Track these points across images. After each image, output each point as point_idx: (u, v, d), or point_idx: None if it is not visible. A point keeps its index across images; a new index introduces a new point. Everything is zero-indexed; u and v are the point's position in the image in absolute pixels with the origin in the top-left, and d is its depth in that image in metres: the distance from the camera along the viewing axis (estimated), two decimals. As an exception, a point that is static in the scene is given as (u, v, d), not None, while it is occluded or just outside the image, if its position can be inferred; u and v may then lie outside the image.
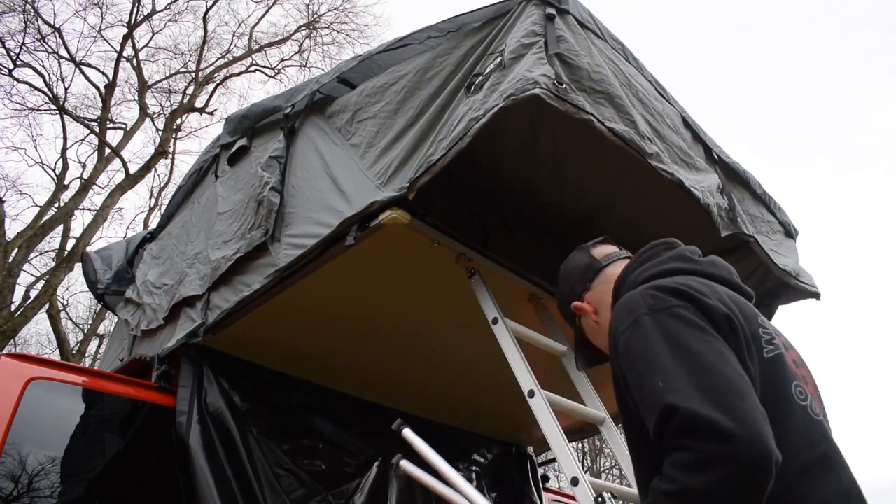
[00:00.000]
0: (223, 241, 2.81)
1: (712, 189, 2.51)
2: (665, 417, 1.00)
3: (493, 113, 1.89)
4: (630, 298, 1.20)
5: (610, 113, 2.09)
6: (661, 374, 1.04)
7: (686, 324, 1.10)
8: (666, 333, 1.09)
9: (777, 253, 2.95)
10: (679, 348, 1.06)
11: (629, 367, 1.13)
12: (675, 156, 2.42)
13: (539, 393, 2.02)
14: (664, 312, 1.12)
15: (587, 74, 2.05)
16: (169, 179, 15.68)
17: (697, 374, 1.02)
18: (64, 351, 12.00)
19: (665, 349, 1.07)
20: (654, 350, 1.08)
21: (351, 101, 2.54)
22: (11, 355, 2.45)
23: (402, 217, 2.09)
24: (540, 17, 2.05)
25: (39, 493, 2.26)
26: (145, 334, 3.26)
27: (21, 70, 13.09)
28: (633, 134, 2.09)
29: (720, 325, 1.12)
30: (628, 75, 2.31)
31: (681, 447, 0.97)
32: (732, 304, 1.19)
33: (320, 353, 2.95)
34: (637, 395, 1.10)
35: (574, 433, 3.72)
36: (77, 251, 11.78)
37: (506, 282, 2.50)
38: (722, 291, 1.22)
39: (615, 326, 1.19)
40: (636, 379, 1.10)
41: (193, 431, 2.56)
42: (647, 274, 1.31)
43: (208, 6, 15.10)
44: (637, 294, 1.19)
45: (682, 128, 2.61)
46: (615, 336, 1.18)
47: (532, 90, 1.83)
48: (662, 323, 1.11)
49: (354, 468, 3.02)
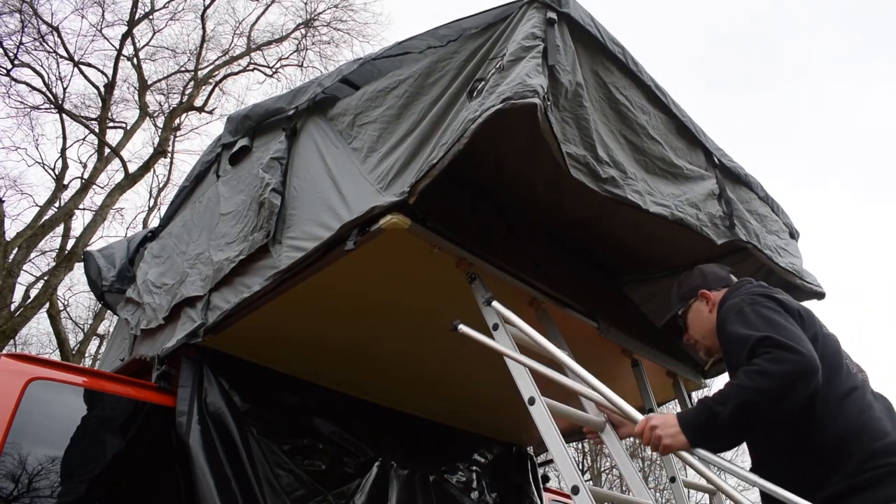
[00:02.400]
0: (226, 243, 2.81)
1: (698, 199, 2.53)
2: (755, 342, 1.63)
3: (489, 114, 1.89)
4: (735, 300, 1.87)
5: (573, 133, 2.10)
6: (752, 329, 1.69)
7: (767, 308, 1.76)
8: (754, 312, 1.75)
9: (786, 252, 2.96)
10: (762, 317, 1.72)
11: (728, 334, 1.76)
12: (654, 167, 2.43)
13: (539, 400, 2.02)
14: (755, 304, 1.79)
15: (565, 92, 2.07)
16: (168, 179, 15.70)
17: (775, 327, 1.67)
18: (64, 351, 11.99)
19: (755, 320, 1.72)
20: (748, 321, 1.73)
21: (352, 104, 2.54)
22: (11, 355, 2.45)
23: (402, 222, 2.10)
24: (541, 20, 2.05)
25: (39, 492, 2.26)
26: (145, 334, 3.26)
27: (20, 70, 13.10)
28: (588, 158, 2.12)
29: (792, 313, 1.78)
30: (613, 87, 2.32)
31: (765, 353, 1.60)
32: (803, 309, 1.85)
33: (321, 354, 2.95)
34: (735, 344, 1.70)
35: (574, 434, 3.72)
36: (77, 251, 11.78)
37: (506, 286, 2.50)
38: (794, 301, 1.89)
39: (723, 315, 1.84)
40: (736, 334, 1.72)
41: (193, 432, 2.56)
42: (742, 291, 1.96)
43: (206, 4, 15.10)
44: (739, 298, 1.86)
45: (674, 136, 2.61)
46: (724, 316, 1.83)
47: (531, 98, 1.85)
48: (753, 307, 1.77)
49: (354, 468, 3.02)
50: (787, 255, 3.01)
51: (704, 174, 2.68)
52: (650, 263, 3.16)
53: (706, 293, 2.08)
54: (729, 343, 1.76)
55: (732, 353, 1.73)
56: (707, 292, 2.08)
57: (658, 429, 1.71)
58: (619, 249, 3.13)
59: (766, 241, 2.89)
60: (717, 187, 2.70)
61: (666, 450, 1.69)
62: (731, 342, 1.73)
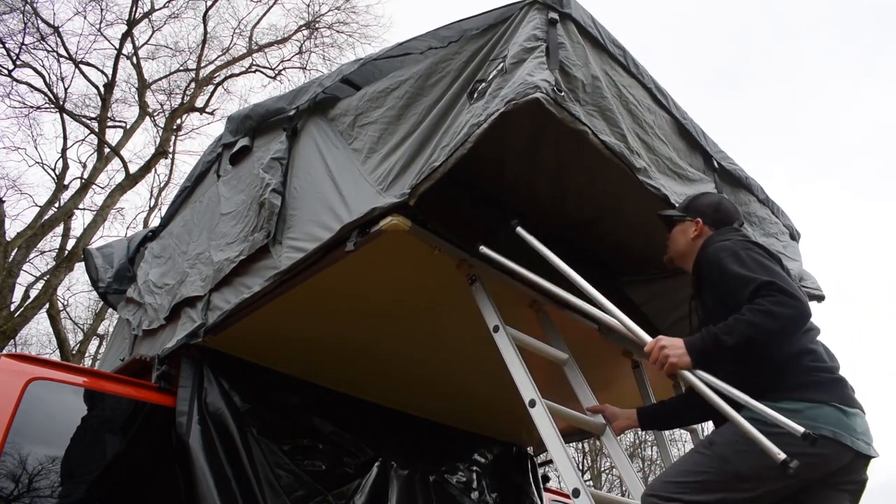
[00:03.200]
0: (226, 243, 2.81)
1: None
2: (760, 284, 1.83)
3: (493, 118, 1.89)
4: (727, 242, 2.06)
5: (602, 126, 2.11)
6: (752, 271, 1.89)
7: (758, 254, 1.98)
8: (749, 256, 1.96)
9: (784, 255, 2.97)
10: (758, 262, 1.93)
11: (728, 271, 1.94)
12: (664, 167, 2.45)
13: (540, 402, 2.02)
14: (748, 249, 2.00)
15: (581, 85, 2.08)
16: (169, 179, 15.68)
17: (773, 273, 1.88)
18: (64, 351, 11.99)
19: (752, 264, 1.93)
20: (746, 264, 1.93)
21: (352, 105, 2.54)
22: (11, 355, 2.46)
23: (402, 224, 2.09)
24: (542, 21, 2.05)
25: (39, 493, 2.26)
26: (146, 334, 3.26)
27: (21, 70, 13.10)
28: (623, 148, 2.16)
29: (776, 260, 2.00)
30: (620, 86, 2.33)
31: (769, 295, 1.81)
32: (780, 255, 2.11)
33: (321, 354, 2.95)
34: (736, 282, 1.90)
35: (574, 434, 3.72)
36: (77, 251, 11.76)
37: (507, 288, 2.50)
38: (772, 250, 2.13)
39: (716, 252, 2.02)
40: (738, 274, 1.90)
41: (193, 432, 2.56)
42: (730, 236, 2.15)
43: (208, 5, 15.09)
44: (731, 241, 2.06)
45: (676, 137, 2.62)
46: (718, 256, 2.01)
47: (533, 94, 1.85)
48: (747, 252, 1.98)
49: (354, 468, 3.02)
50: (785, 260, 3.01)
51: (703, 177, 2.69)
52: (651, 264, 3.17)
53: (700, 224, 2.24)
54: (728, 279, 1.94)
55: (731, 288, 1.92)
56: (702, 224, 2.24)
57: (667, 348, 1.90)
58: (621, 250, 3.13)
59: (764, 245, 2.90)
60: (716, 191, 2.71)
61: (671, 367, 1.88)
62: (732, 279, 1.92)
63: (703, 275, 2.08)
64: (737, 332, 1.80)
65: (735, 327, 1.81)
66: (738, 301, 1.86)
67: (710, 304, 2.04)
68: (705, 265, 2.07)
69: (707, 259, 2.07)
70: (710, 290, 2.03)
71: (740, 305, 1.85)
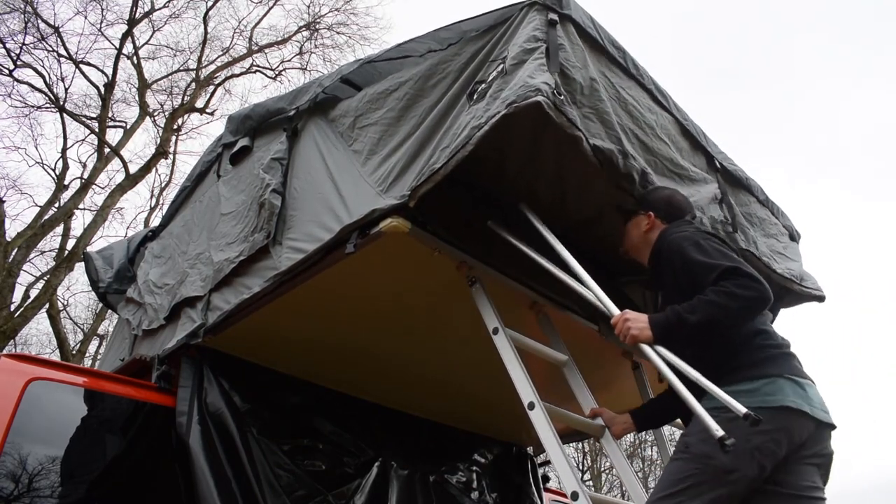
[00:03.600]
0: (226, 243, 2.81)
1: (703, 202, 2.56)
2: (725, 269, 1.90)
3: (494, 120, 1.89)
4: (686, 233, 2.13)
5: (598, 129, 2.12)
6: (715, 259, 1.96)
7: (717, 244, 2.06)
8: (710, 246, 2.02)
9: (785, 256, 2.97)
10: (718, 251, 2.00)
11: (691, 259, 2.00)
12: (663, 168, 2.45)
13: (539, 405, 2.02)
14: (707, 239, 2.07)
15: (580, 88, 2.08)
16: (170, 179, 15.67)
17: (735, 260, 1.97)
18: (64, 351, 11.99)
19: (714, 252, 1.99)
20: (708, 252, 1.99)
21: (352, 106, 2.54)
22: (11, 355, 2.46)
23: (402, 225, 2.09)
24: (542, 22, 2.05)
25: (39, 493, 2.26)
26: (146, 334, 3.26)
27: (21, 70, 13.10)
28: (615, 152, 2.18)
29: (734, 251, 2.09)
30: (619, 88, 2.33)
31: (733, 279, 1.88)
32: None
33: (321, 354, 2.95)
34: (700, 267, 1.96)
35: (574, 434, 3.72)
36: (77, 251, 11.76)
37: (507, 289, 2.50)
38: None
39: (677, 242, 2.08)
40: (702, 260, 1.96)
41: (193, 432, 2.56)
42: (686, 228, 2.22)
43: (209, 6, 15.09)
44: (689, 232, 2.12)
45: (679, 137, 2.62)
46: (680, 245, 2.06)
47: (534, 97, 1.85)
48: (707, 241, 2.05)
49: (354, 468, 3.02)
50: (785, 260, 3.01)
51: (707, 177, 2.69)
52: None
53: (652, 217, 2.29)
54: (691, 266, 2.00)
55: (695, 274, 1.98)
56: (654, 218, 2.29)
57: (630, 321, 1.98)
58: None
59: (764, 246, 2.90)
60: (720, 191, 2.71)
61: (633, 339, 1.96)
62: (696, 266, 1.98)
63: (663, 264, 2.14)
64: (700, 311, 1.87)
65: (698, 307, 1.88)
66: (702, 286, 1.93)
67: (669, 291, 2.11)
68: (665, 254, 2.12)
69: (667, 248, 2.12)
70: (670, 278, 2.10)
71: (702, 291, 1.92)
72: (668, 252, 2.11)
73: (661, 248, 2.16)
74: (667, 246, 2.13)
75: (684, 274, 2.02)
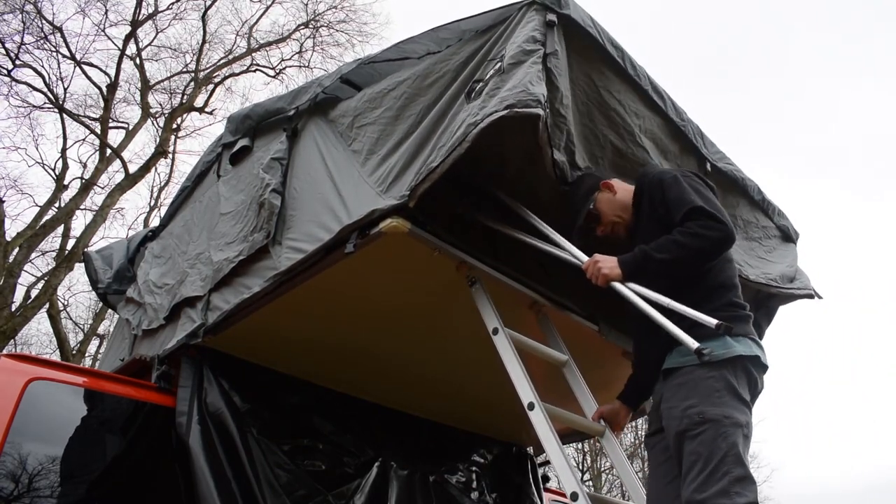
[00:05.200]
0: (226, 243, 2.81)
1: None
2: (691, 209, 2.02)
3: (491, 119, 1.90)
4: (667, 170, 2.36)
5: (559, 139, 2.18)
6: (689, 196, 2.08)
7: (697, 182, 2.19)
8: (688, 183, 2.14)
9: (765, 260, 2.97)
10: (695, 189, 2.12)
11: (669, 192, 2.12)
12: (634, 173, 2.47)
13: (539, 405, 2.02)
14: (687, 177, 2.20)
15: (561, 97, 2.11)
16: (169, 179, 15.69)
17: (706, 200, 2.08)
18: (64, 351, 12.00)
19: (690, 189, 2.11)
20: (685, 189, 2.11)
21: (351, 106, 2.54)
22: (11, 355, 2.46)
23: (402, 225, 2.09)
24: (541, 23, 2.05)
25: (39, 493, 2.27)
26: (146, 334, 3.26)
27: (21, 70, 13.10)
28: (564, 164, 2.27)
29: (713, 191, 2.23)
30: (605, 91, 2.35)
31: (697, 219, 2.01)
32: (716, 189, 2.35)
33: (321, 354, 2.95)
34: (673, 203, 2.09)
35: (574, 434, 3.72)
36: (77, 251, 11.77)
37: (507, 289, 2.50)
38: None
39: (659, 176, 2.22)
40: (676, 196, 2.09)
41: (193, 432, 2.56)
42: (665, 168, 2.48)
43: (207, 6, 15.09)
44: (670, 173, 2.23)
45: (668, 141, 2.63)
46: (661, 178, 2.20)
47: (535, 109, 1.89)
48: (687, 180, 2.18)
49: (354, 468, 3.02)
50: (765, 264, 3.01)
51: None
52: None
53: (608, 183, 2.36)
54: (669, 199, 2.11)
55: (671, 208, 2.10)
56: (608, 182, 2.36)
57: (600, 262, 2.10)
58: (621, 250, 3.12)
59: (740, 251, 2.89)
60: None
61: (604, 279, 2.08)
62: (673, 200, 2.10)
63: (643, 200, 2.24)
64: (665, 249, 2.01)
65: (664, 245, 2.02)
66: (672, 221, 2.07)
67: (647, 223, 2.20)
68: (647, 191, 2.23)
69: (649, 183, 2.23)
70: (648, 208, 2.21)
71: (674, 225, 2.06)
72: (649, 186, 2.22)
73: (643, 186, 2.26)
74: (648, 181, 2.25)
75: (663, 206, 2.13)
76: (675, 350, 2.01)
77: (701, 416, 1.89)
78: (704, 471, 1.82)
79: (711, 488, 1.79)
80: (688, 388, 1.94)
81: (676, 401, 1.96)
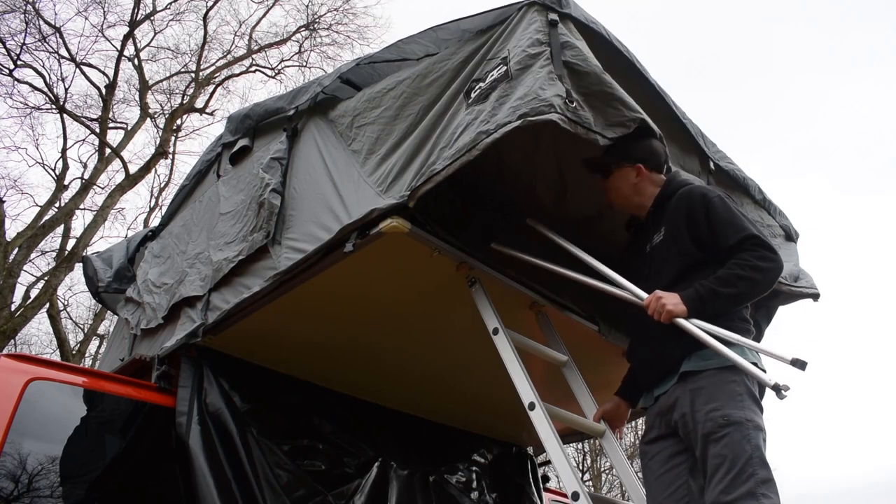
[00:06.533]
0: (225, 243, 2.81)
1: None
2: (747, 237, 2.02)
3: (505, 130, 1.88)
4: (705, 187, 2.31)
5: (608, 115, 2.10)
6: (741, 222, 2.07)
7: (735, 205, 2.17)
8: (734, 206, 2.14)
9: None
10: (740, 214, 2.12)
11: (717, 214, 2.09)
12: None
13: (539, 405, 2.02)
14: (728, 199, 2.18)
15: (596, 79, 2.05)
16: (169, 180, 15.67)
17: (754, 226, 2.08)
18: (64, 351, 11.99)
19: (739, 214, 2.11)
20: (734, 213, 2.10)
21: (350, 105, 2.54)
22: (11, 355, 2.45)
23: (402, 226, 2.09)
24: (543, 23, 2.03)
25: (39, 493, 2.26)
26: (145, 333, 3.26)
27: (21, 70, 13.09)
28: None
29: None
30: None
31: (754, 250, 2.01)
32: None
33: (321, 354, 2.95)
34: (723, 227, 2.07)
35: (575, 434, 3.72)
36: (77, 251, 11.77)
37: (507, 289, 2.50)
38: None
39: (701, 193, 2.18)
40: (727, 220, 2.07)
41: (193, 432, 2.56)
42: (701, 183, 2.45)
43: (208, 6, 15.09)
44: (710, 191, 2.20)
45: (669, 141, 2.62)
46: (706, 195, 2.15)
47: (548, 114, 1.86)
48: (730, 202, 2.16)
49: (354, 468, 3.02)
50: None
51: (697, 179, 2.69)
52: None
53: (642, 169, 2.30)
54: (719, 224, 2.08)
55: (720, 231, 2.07)
56: (643, 169, 2.29)
57: (663, 299, 2.03)
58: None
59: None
60: None
61: (669, 314, 2.01)
62: (723, 224, 2.07)
63: (677, 210, 2.18)
64: (730, 284, 1.99)
65: (729, 280, 1.99)
66: (723, 246, 2.05)
67: (684, 244, 2.15)
68: (684, 201, 2.18)
69: (687, 196, 2.18)
70: (688, 228, 2.14)
71: (722, 249, 2.04)
72: (688, 200, 2.17)
73: (680, 196, 2.20)
74: (687, 193, 2.19)
75: (707, 226, 2.09)
76: (696, 354, 2.00)
77: (725, 419, 1.89)
78: (730, 473, 1.82)
79: (738, 490, 1.79)
80: (709, 392, 1.94)
81: (699, 404, 1.96)
